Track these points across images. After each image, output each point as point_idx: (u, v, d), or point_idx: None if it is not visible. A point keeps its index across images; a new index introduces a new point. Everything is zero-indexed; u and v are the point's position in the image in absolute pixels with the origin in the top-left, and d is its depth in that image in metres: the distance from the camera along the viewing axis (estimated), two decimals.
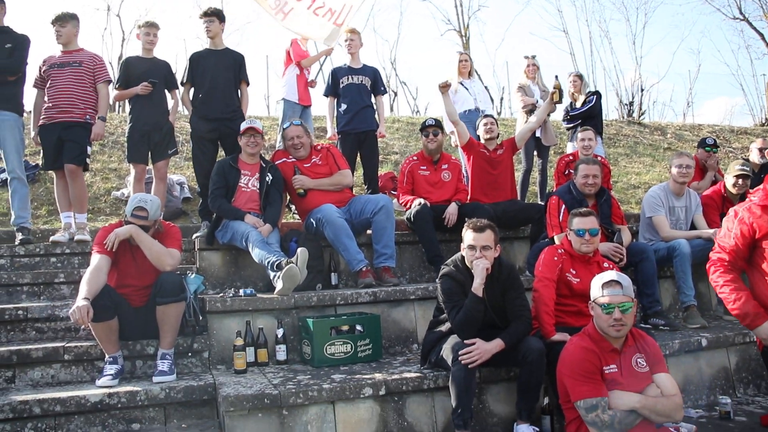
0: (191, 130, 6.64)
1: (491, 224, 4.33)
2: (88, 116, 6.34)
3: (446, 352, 4.15)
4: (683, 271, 5.73)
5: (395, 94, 26.26)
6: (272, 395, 3.95)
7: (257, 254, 5.27)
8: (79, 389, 4.27)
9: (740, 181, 6.22)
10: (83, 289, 4.25)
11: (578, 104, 8.24)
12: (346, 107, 7.08)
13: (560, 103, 6.84)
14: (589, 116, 8.08)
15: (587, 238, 4.64)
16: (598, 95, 8.26)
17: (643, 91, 21.31)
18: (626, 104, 20.82)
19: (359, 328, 4.86)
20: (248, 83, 6.74)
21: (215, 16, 6.59)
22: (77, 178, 6.33)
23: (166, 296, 4.47)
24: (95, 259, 4.52)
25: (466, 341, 4.04)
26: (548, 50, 45.03)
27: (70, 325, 4.93)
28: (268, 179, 5.81)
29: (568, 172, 7.00)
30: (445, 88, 6.49)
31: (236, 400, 3.90)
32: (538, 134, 7.99)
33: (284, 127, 6.28)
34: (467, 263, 4.29)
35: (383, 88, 7.52)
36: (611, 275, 3.82)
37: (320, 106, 8.33)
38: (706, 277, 4.14)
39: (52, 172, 6.68)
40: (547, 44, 37.37)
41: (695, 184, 7.03)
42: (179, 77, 6.84)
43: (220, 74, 6.49)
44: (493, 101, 12.58)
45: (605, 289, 3.74)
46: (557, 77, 6.63)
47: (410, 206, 6.17)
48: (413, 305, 5.36)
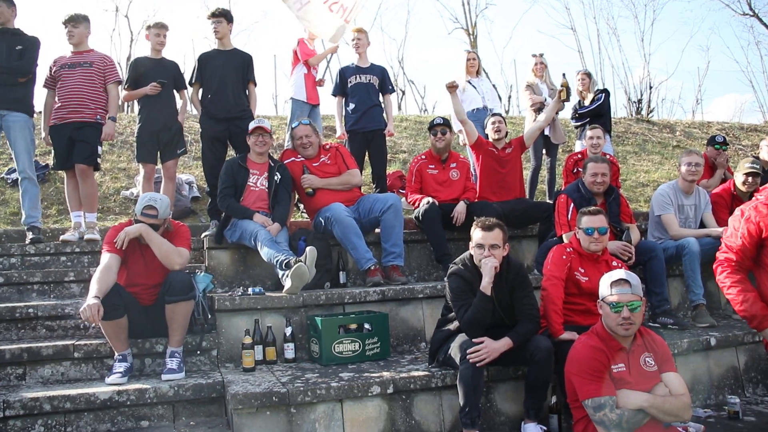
0: (201, 129, 6.67)
1: (500, 223, 4.32)
2: (98, 116, 6.38)
3: (454, 350, 4.16)
4: (692, 269, 5.70)
5: (403, 92, 26.36)
6: (280, 393, 3.96)
7: (266, 253, 5.29)
8: (88, 387, 4.30)
9: (750, 178, 6.18)
10: (93, 287, 4.28)
11: (587, 102, 8.22)
12: (354, 106, 7.09)
13: (568, 101, 6.82)
14: (597, 114, 8.05)
15: (596, 236, 4.63)
16: (606, 93, 8.24)
17: (651, 88, 21.33)
18: (635, 102, 20.82)
19: (367, 326, 4.87)
20: (255, 84, 6.76)
21: (223, 16, 6.61)
22: (88, 177, 6.38)
23: (175, 295, 4.49)
24: (105, 257, 4.55)
25: (474, 340, 4.05)
26: (556, 48, 45.08)
27: (79, 323, 4.98)
28: (276, 178, 5.83)
29: (576, 170, 7.00)
30: (452, 88, 6.49)
31: (245, 398, 3.92)
32: (546, 132, 7.98)
33: (293, 126, 6.30)
34: (476, 262, 4.28)
35: (391, 86, 7.52)
36: (620, 274, 3.81)
37: (329, 105, 8.35)
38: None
39: (62, 171, 6.73)
40: (555, 42, 37.51)
41: (704, 182, 7.01)
42: (187, 77, 6.86)
43: (228, 74, 6.51)
44: (501, 99, 12.53)
45: (614, 287, 3.74)
46: (564, 75, 6.62)
47: (418, 205, 6.17)
48: (421, 304, 5.36)
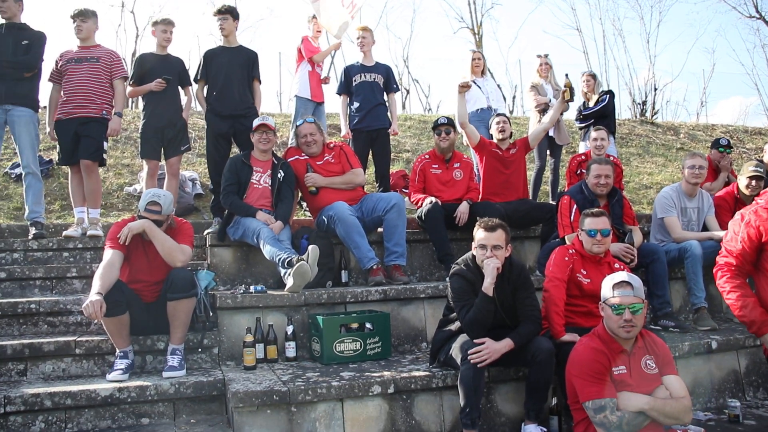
0: (207, 126, 6.67)
1: (503, 224, 4.32)
2: (104, 112, 6.39)
3: (455, 351, 4.16)
4: (694, 272, 5.69)
5: (407, 91, 26.33)
6: (281, 392, 3.97)
7: (268, 251, 5.29)
8: (89, 383, 4.31)
9: (753, 182, 6.17)
10: (96, 283, 4.29)
11: (591, 103, 8.20)
12: (358, 105, 7.09)
13: (572, 101, 6.81)
14: (601, 116, 8.03)
15: (599, 238, 4.63)
16: (611, 94, 8.22)
17: (656, 90, 21.22)
18: (639, 103, 20.73)
19: (369, 326, 4.87)
20: (260, 81, 6.75)
21: (229, 13, 6.62)
22: (93, 173, 6.39)
23: (177, 292, 4.49)
24: (108, 254, 4.56)
25: (475, 340, 4.05)
26: (561, 49, 44.71)
27: (81, 319, 4.98)
28: (279, 176, 5.83)
29: (580, 171, 6.99)
30: (464, 87, 6.47)
31: (245, 396, 3.92)
32: (551, 133, 7.97)
33: (298, 124, 6.29)
34: (478, 262, 4.28)
35: (396, 85, 7.52)
36: (622, 276, 3.81)
37: (333, 103, 8.36)
38: None
39: (66, 167, 6.73)
40: (560, 42, 37.49)
41: (708, 185, 7.00)
42: (192, 74, 6.87)
43: (234, 71, 6.51)
44: (505, 100, 12.52)
45: (616, 289, 3.73)
46: (568, 75, 6.62)
47: (421, 205, 6.17)
48: (423, 304, 5.36)
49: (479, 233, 4.28)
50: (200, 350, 4.85)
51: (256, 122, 5.90)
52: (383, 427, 4.18)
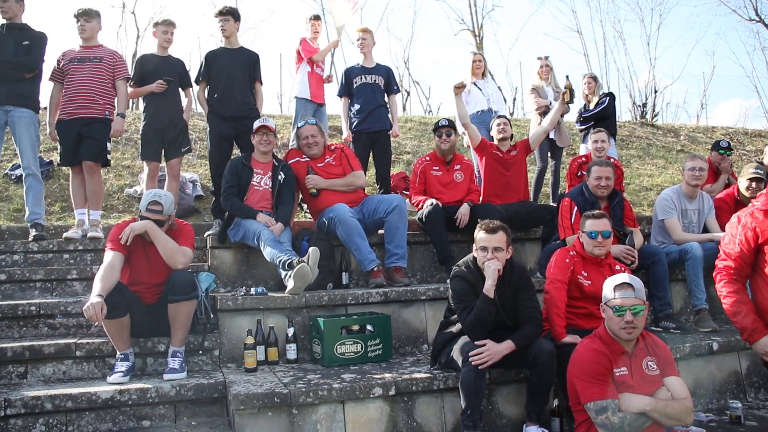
0: (209, 128, 6.66)
1: (504, 226, 4.32)
2: (107, 112, 6.39)
3: (456, 353, 4.15)
4: (695, 274, 5.69)
5: (408, 93, 26.33)
6: (282, 394, 3.96)
7: (269, 253, 5.28)
8: (90, 386, 4.30)
9: (753, 184, 6.18)
10: (97, 285, 4.28)
11: (591, 106, 8.21)
12: (359, 107, 7.09)
13: (572, 103, 6.83)
14: (602, 118, 8.04)
15: (600, 240, 4.63)
16: (611, 97, 8.22)
17: (656, 92, 21.31)
18: (639, 106, 20.80)
19: (370, 328, 4.86)
20: (262, 83, 6.76)
21: (230, 15, 6.62)
22: (95, 174, 6.38)
23: (177, 294, 4.49)
24: (108, 256, 4.55)
25: (476, 342, 4.05)
26: (562, 51, 44.92)
27: (82, 321, 4.97)
28: (280, 178, 5.82)
29: (580, 173, 6.99)
30: (459, 88, 6.48)
31: (246, 398, 3.91)
32: (552, 135, 7.97)
33: (299, 125, 6.28)
34: (479, 264, 4.28)
35: (396, 87, 7.53)
36: (623, 278, 3.80)
37: (334, 105, 8.37)
38: None
39: (66, 168, 6.71)
40: (560, 45, 37.50)
41: (708, 186, 7.00)
42: (193, 75, 6.87)
43: (235, 73, 6.51)
44: (506, 101, 12.54)
45: (617, 291, 3.73)
46: (568, 77, 6.63)
47: (422, 206, 6.16)
48: (424, 306, 5.35)
49: (480, 235, 4.28)
50: (201, 352, 4.84)
51: (256, 124, 5.90)
52: (384, 429, 4.18)
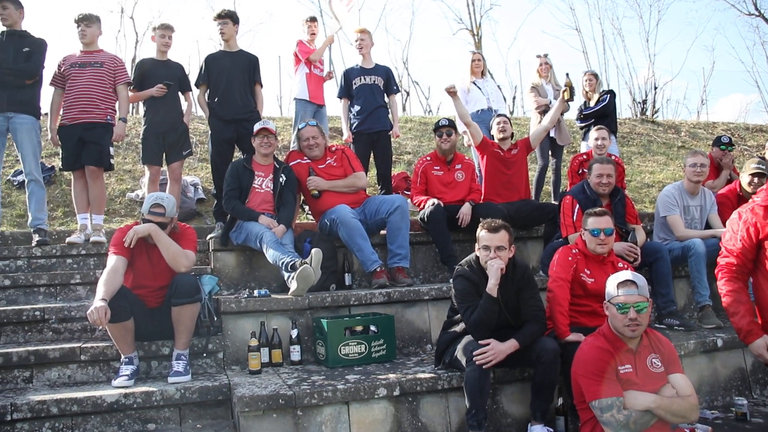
0: (211, 132, 6.67)
1: (506, 224, 4.32)
2: (108, 117, 6.39)
3: (460, 352, 4.15)
4: (698, 270, 5.69)
5: (407, 93, 26.35)
6: (287, 396, 3.96)
7: (271, 255, 5.29)
8: (95, 389, 4.31)
9: (755, 179, 6.17)
10: (101, 290, 4.28)
11: (592, 103, 8.20)
12: (359, 108, 7.09)
13: (572, 100, 6.82)
14: (602, 115, 8.03)
15: (602, 238, 4.63)
16: (611, 94, 8.22)
17: (656, 89, 21.30)
18: (639, 102, 20.79)
19: (373, 328, 4.87)
20: (261, 85, 6.76)
21: (229, 18, 6.62)
22: (98, 179, 6.39)
23: (181, 297, 4.49)
24: (112, 260, 4.55)
25: (480, 342, 4.05)
26: (561, 49, 44.84)
27: (86, 325, 4.98)
28: (281, 180, 5.83)
29: (581, 171, 6.98)
30: (451, 93, 6.47)
31: (251, 400, 3.92)
32: (552, 134, 7.97)
33: (300, 127, 6.27)
34: (482, 263, 4.28)
35: (396, 87, 7.52)
36: (626, 275, 3.80)
37: (334, 106, 8.37)
38: None
39: (68, 173, 6.71)
40: (559, 42, 37.43)
41: (710, 182, 7.00)
42: (193, 79, 6.87)
43: (235, 76, 6.52)
44: (505, 100, 12.55)
45: (620, 288, 3.73)
46: (568, 75, 6.62)
47: (424, 206, 6.17)
48: (427, 306, 5.36)
49: (482, 234, 4.28)
50: (205, 355, 4.85)
51: (256, 126, 5.90)
52: (389, 429, 4.18)
